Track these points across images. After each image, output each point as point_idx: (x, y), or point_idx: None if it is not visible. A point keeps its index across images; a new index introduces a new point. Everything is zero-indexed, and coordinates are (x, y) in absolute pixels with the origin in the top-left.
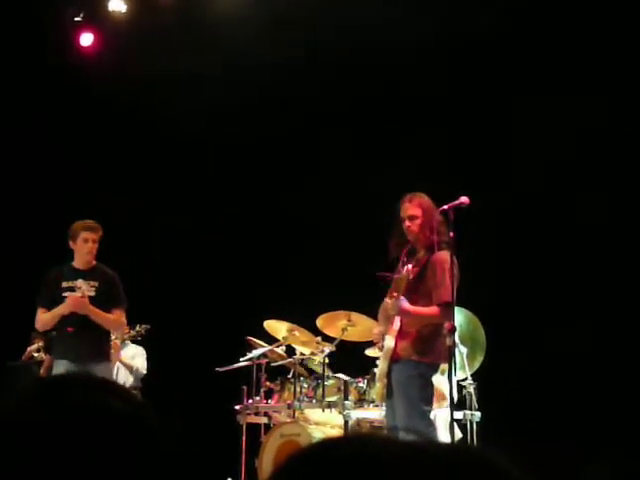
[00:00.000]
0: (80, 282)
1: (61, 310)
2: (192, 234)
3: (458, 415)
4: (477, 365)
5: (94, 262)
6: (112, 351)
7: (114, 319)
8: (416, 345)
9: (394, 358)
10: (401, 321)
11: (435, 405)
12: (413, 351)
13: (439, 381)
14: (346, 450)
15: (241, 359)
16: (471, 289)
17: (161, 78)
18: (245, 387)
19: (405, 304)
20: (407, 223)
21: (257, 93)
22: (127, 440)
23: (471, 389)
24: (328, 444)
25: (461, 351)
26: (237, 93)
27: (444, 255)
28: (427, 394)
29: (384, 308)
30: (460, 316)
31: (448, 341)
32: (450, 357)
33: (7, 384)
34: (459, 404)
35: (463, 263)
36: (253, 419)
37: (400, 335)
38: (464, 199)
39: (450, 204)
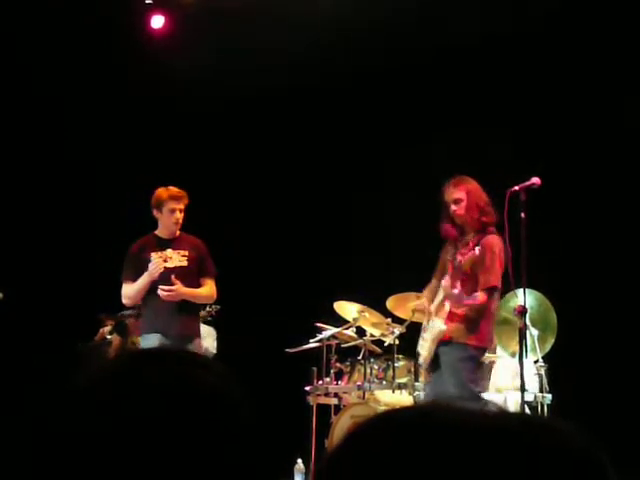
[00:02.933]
0: (170, 252)
1: (146, 279)
2: (263, 215)
3: (529, 397)
4: (548, 347)
5: (179, 231)
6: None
7: (206, 292)
8: (466, 327)
9: (444, 340)
10: (450, 304)
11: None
12: (464, 333)
13: (508, 363)
14: (416, 417)
15: (311, 340)
16: (543, 271)
17: (229, 62)
18: (315, 368)
19: (453, 289)
20: (453, 207)
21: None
22: (215, 413)
23: (542, 371)
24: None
25: (532, 333)
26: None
27: (494, 239)
28: (477, 376)
29: (426, 291)
30: (531, 298)
31: (519, 323)
32: (521, 339)
33: (80, 365)
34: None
35: (534, 244)
36: (323, 400)
37: (449, 317)
38: (535, 180)
39: (521, 185)
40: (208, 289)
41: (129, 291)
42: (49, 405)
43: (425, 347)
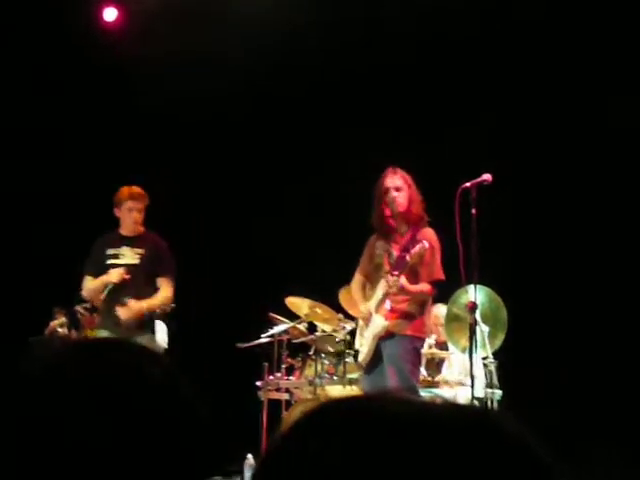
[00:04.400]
0: (124, 249)
1: (104, 280)
2: (216, 211)
3: (479, 393)
4: (498, 343)
5: (142, 229)
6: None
7: (162, 298)
8: (407, 320)
9: (385, 335)
10: (389, 300)
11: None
12: (405, 326)
13: (460, 359)
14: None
15: (262, 336)
16: (493, 268)
17: (183, 55)
18: (267, 363)
19: (405, 283)
20: (394, 194)
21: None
22: (161, 406)
23: (492, 367)
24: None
25: (482, 329)
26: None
27: (431, 232)
28: (417, 369)
29: (355, 287)
30: (482, 294)
31: (469, 319)
32: (471, 335)
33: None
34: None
35: (485, 241)
36: (274, 395)
37: (389, 313)
38: (486, 176)
39: (472, 181)
40: (162, 295)
41: (90, 285)
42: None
43: (365, 345)
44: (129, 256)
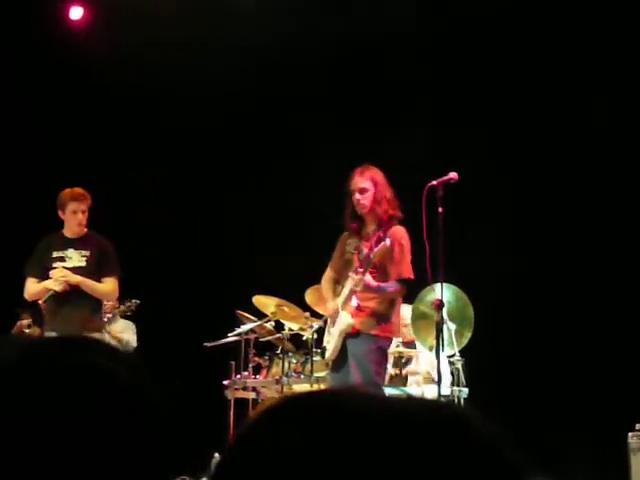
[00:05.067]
0: (71, 252)
1: (47, 285)
2: (181, 207)
3: (445, 391)
4: (465, 342)
5: (85, 230)
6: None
7: (104, 287)
8: (375, 319)
9: (352, 333)
10: (358, 297)
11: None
12: (372, 325)
13: (427, 357)
14: (328, 404)
15: (229, 334)
16: (459, 265)
17: (149, 51)
18: (233, 362)
19: (369, 280)
20: (357, 196)
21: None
22: (127, 406)
23: (459, 365)
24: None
25: (449, 327)
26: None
27: (401, 230)
28: (382, 369)
29: (325, 283)
30: (449, 292)
31: (436, 317)
32: (438, 333)
33: None
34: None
35: (451, 239)
36: (241, 394)
37: (357, 310)
38: (453, 175)
39: (439, 180)
40: (107, 285)
41: (32, 289)
42: None
43: (332, 342)
44: (75, 259)
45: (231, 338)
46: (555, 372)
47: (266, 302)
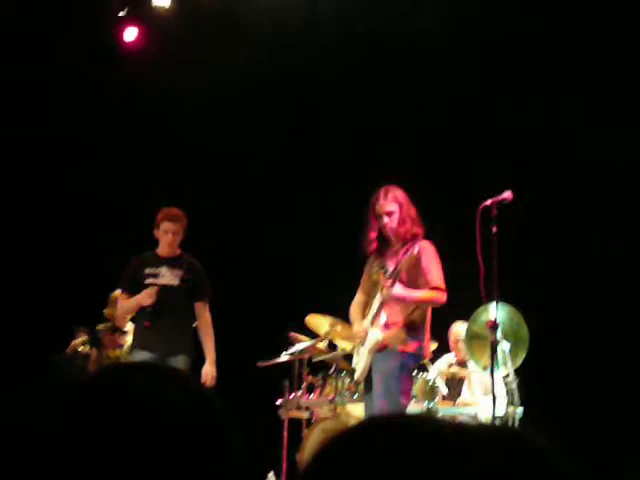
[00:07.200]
0: (164, 270)
1: (135, 303)
2: (235, 228)
3: (500, 411)
4: (519, 361)
5: (179, 251)
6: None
7: (212, 339)
8: (402, 334)
9: (380, 348)
10: (387, 313)
11: (474, 400)
12: (400, 340)
13: (481, 377)
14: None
15: (283, 354)
16: (514, 284)
17: (202, 72)
18: (287, 382)
19: (397, 288)
20: (385, 220)
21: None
22: (185, 431)
23: (513, 385)
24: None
25: (503, 347)
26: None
27: (427, 243)
28: (407, 387)
29: (354, 307)
30: (503, 312)
31: (490, 337)
32: (492, 353)
33: (52, 377)
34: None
35: (505, 259)
36: (295, 414)
37: (386, 326)
38: (507, 194)
39: (493, 199)
40: (210, 332)
41: (123, 305)
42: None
43: (361, 362)
44: (169, 277)
45: (284, 357)
46: (611, 391)
47: (319, 322)
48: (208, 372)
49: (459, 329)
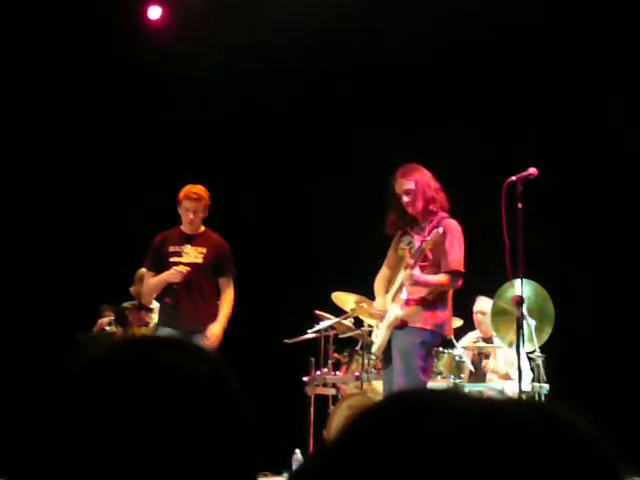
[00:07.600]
0: (188, 247)
1: (162, 281)
2: (260, 207)
3: (526, 387)
4: (545, 337)
5: (203, 228)
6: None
7: (230, 308)
8: (421, 310)
9: (399, 325)
10: (407, 290)
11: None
12: (419, 317)
13: (506, 353)
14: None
15: (309, 331)
16: (540, 261)
17: (226, 53)
18: (313, 359)
19: (417, 273)
20: (405, 198)
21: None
22: (208, 404)
23: (539, 361)
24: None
25: (529, 323)
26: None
27: (453, 222)
28: (427, 364)
29: (378, 281)
30: (528, 288)
31: (516, 313)
32: (518, 329)
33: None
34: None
35: (531, 235)
36: (321, 390)
37: (407, 303)
38: (532, 170)
39: (518, 175)
40: (229, 299)
41: (149, 283)
42: (49, 389)
43: (380, 335)
44: (192, 255)
45: (310, 335)
46: (636, 367)
47: (345, 299)
48: (213, 332)
49: (482, 304)
